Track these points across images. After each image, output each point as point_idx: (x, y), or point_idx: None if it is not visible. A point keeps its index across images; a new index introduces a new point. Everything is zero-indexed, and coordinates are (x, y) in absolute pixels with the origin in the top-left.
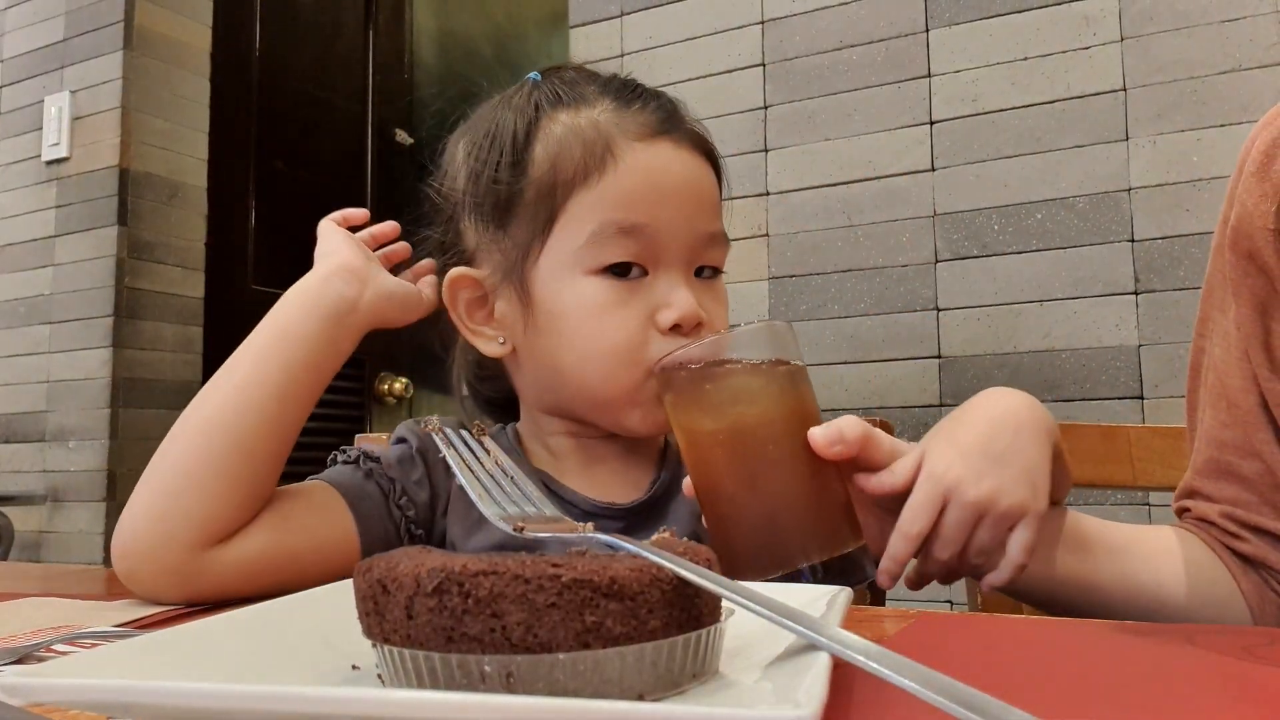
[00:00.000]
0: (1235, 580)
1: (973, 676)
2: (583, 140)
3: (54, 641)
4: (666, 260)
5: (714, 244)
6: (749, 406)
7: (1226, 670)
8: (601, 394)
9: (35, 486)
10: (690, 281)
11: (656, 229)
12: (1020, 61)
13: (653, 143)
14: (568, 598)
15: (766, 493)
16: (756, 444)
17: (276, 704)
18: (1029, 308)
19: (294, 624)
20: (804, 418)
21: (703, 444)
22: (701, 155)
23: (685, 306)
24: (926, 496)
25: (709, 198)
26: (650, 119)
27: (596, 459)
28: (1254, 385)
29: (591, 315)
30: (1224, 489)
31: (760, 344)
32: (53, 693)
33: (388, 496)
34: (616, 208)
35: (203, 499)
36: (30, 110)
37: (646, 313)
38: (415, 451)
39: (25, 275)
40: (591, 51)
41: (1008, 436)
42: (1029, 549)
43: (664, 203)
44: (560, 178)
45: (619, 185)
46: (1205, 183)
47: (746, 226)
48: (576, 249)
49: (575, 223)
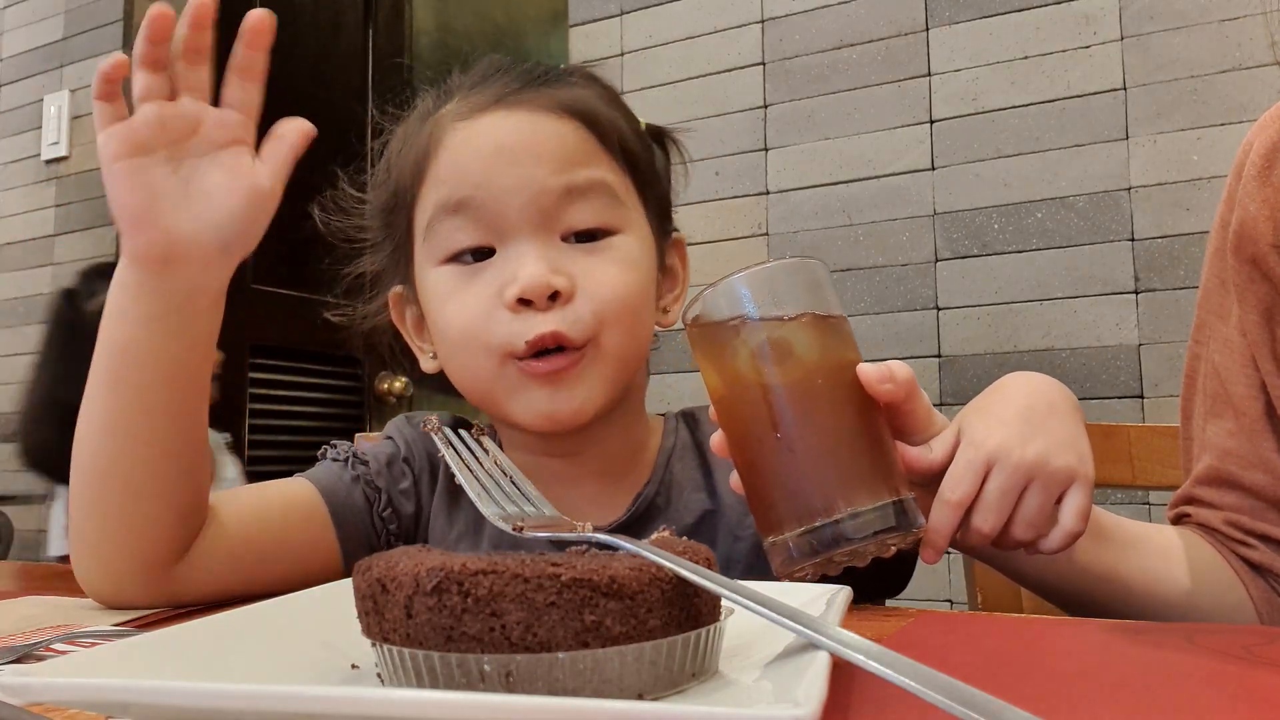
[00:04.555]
0: (1244, 586)
1: (972, 676)
2: (418, 140)
3: (53, 640)
4: (511, 231)
5: (572, 200)
6: (783, 353)
7: (1226, 670)
8: (470, 387)
9: (35, 486)
10: (549, 247)
11: (485, 198)
12: (1020, 60)
13: (479, 117)
14: (567, 597)
15: (811, 439)
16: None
17: (276, 703)
18: (1029, 307)
19: (293, 623)
20: (845, 362)
21: (736, 395)
22: (556, 113)
23: (529, 278)
24: (969, 462)
25: (552, 150)
26: (484, 97)
27: (566, 480)
28: (1260, 393)
29: (441, 304)
30: (1225, 497)
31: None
32: (52, 692)
33: (372, 505)
34: (440, 188)
35: (134, 531)
36: (29, 109)
37: (494, 291)
38: (403, 459)
39: (24, 274)
40: (591, 51)
41: (1044, 410)
42: (1084, 515)
43: (487, 168)
44: (405, 182)
45: (440, 168)
46: (1205, 182)
47: (746, 225)
48: (424, 244)
49: (421, 219)
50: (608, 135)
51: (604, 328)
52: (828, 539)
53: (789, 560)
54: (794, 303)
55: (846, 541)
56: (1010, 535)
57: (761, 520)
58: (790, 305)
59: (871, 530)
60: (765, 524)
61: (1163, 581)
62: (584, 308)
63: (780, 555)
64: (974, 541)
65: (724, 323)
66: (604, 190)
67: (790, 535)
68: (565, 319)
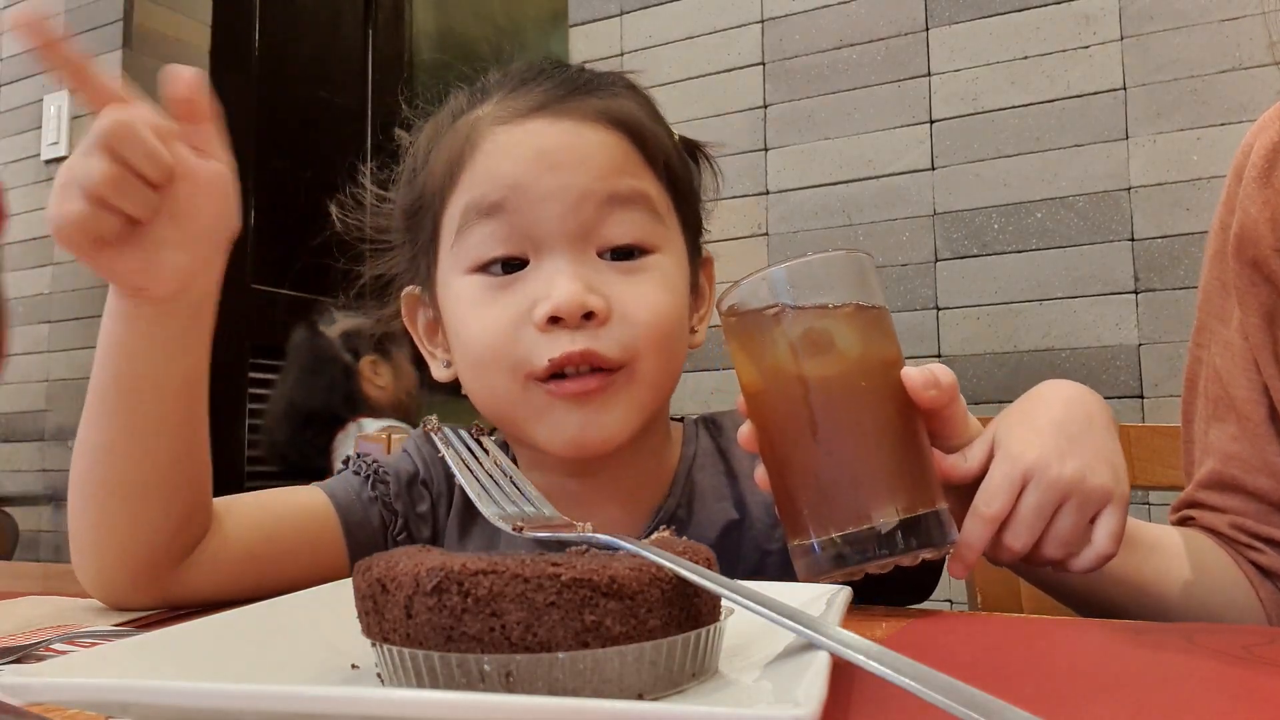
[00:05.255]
0: (1254, 588)
1: (972, 676)
2: (452, 141)
3: (53, 640)
4: (548, 243)
5: (613, 211)
6: (824, 345)
7: (1227, 670)
8: (490, 406)
9: (35, 486)
10: (584, 265)
11: (521, 202)
12: (1020, 60)
13: (520, 123)
14: (567, 597)
15: (849, 441)
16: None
17: (276, 703)
18: (1029, 307)
19: (294, 623)
20: (888, 359)
21: (771, 389)
22: (603, 124)
23: (562, 296)
24: (1005, 476)
25: (596, 158)
26: (527, 101)
27: (583, 502)
28: (1263, 396)
29: (465, 316)
30: (1230, 501)
31: (834, 274)
32: (52, 692)
33: (387, 528)
34: (474, 189)
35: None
36: (30, 109)
37: (523, 307)
38: (422, 481)
39: (25, 274)
40: (591, 51)
41: (1082, 422)
42: (1118, 537)
43: (526, 173)
44: (435, 184)
45: (476, 171)
46: (1205, 182)
47: (746, 225)
48: (452, 248)
49: (450, 223)
50: (652, 149)
51: (640, 353)
52: (859, 548)
53: (815, 565)
54: (837, 293)
55: (877, 552)
56: (1041, 553)
57: (789, 521)
58: (833, 295)
59: (905, 543)
60: (793, 526)
61: (1180, 585)
62: (621, 331)
63: (806, 559)
64: (1004, 558)
65: (761, 311)
66: (646, 203)
67: (819, 540)
68: (599, 340)
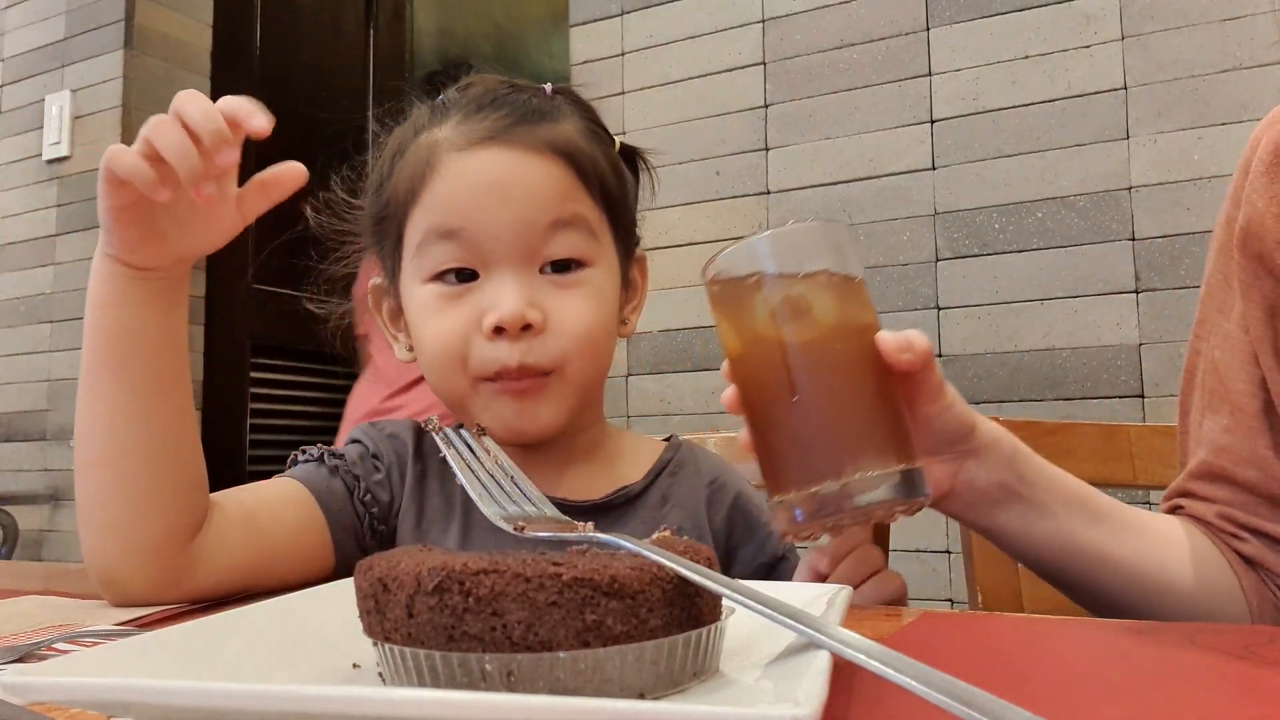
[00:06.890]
0: (1237, 577)
1: (972, 676)
2: (415, 159)
3: (55, 640)
4: (496, 261)
5: (555, 234)
6: (801, 310)
7: (1227, 670)
8: (445, 395)
9: (36, 485)
10: (528, 279)
11: (474, 230)
12: (1021, 60)
13: (474, 151)
14: (568, 596)
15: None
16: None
17: (276, 703)
18: (1029, 306)
19: (294, 622)
20: (863, 325)
21: (751, 353)
22: (549, 155)
23: (507, 308)
24: None
25: (541, 190)
26: (482, 128)
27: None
28: (1259, 389)
29: (424, 320)
30: (1218, 491)
31: (811, 243)
32: (53, 691)
33: (352, 493)
34: (434, 214)
35: (136, 524)
36: (31, 109)
37: (474, 315)
38: (372, 455)
39: (26, 274)
40: (591, 51)
41: None
42: None
43: (480, 204)
44: (398, 197)
45: (436, 195)
46: (1206, 181)
47: (747, 225)
48: (413, 259)
49: (411, 236)
50: (589, 174)
51: (569, 359)
52: (834, 502)
53: (794, 520)
54: (814, 261)
55: (852, 505)
56: None
57: (770, 479)
58: (810, 263)
59: (879, 496)
60: (774, 483)
61: (1157, 565)
62: (552, 342)
63: (785, 514)
64: None
65: (743, 279)
66: (583, 225)
67: (797, 495)
68: (532, 351)
